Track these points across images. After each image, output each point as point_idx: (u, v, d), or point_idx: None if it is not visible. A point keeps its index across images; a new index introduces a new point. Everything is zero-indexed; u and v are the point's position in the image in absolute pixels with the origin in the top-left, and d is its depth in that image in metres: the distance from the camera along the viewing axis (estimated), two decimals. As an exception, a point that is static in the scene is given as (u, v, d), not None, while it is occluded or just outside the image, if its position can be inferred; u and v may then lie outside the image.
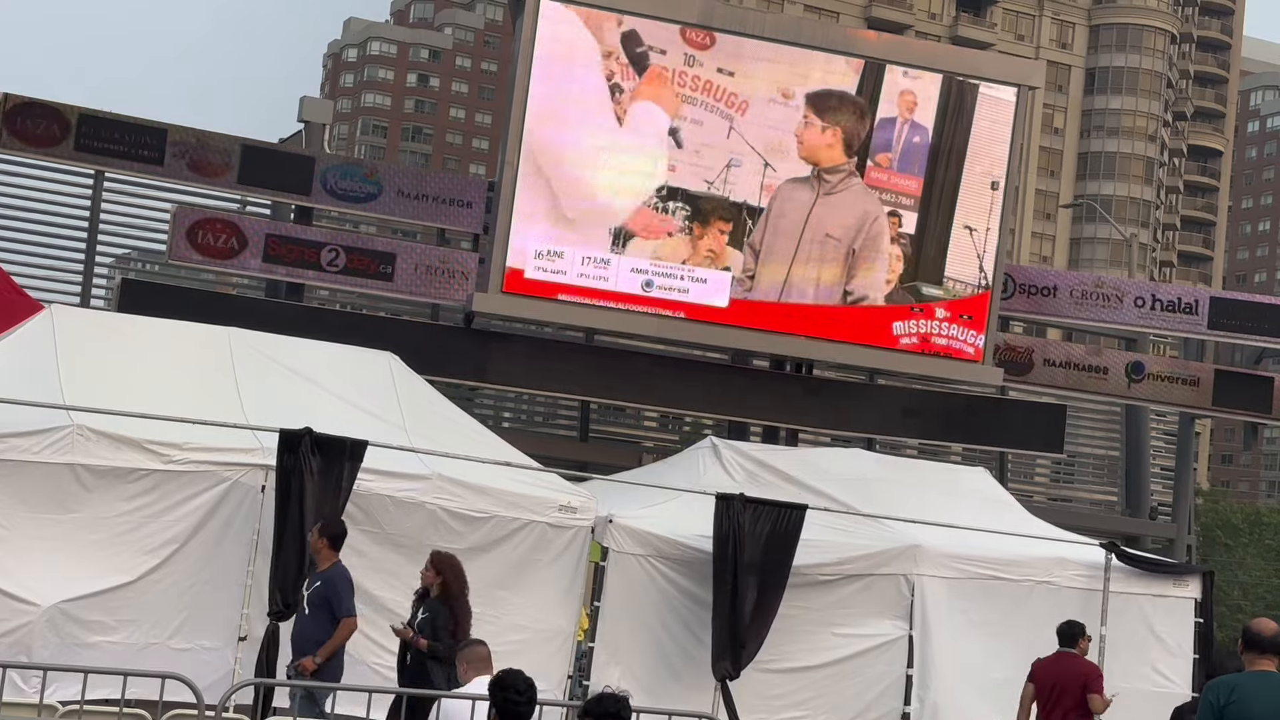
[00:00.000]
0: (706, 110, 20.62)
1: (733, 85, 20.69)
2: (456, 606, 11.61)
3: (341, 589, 11.34)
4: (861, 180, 21.10)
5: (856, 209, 21.10)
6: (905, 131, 21.54)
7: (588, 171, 20.22)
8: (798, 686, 13.91)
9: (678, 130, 20.49)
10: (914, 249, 21.35)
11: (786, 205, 20.86)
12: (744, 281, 20.69)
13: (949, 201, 21.63)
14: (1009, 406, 23.33)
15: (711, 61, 20.64)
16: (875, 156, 21.39)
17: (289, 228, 20.39)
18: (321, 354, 14.27)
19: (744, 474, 14.87)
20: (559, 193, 20.07)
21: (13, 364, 12.46)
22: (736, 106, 20.71)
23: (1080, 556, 15.00)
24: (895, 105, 21.40)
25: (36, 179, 20.86)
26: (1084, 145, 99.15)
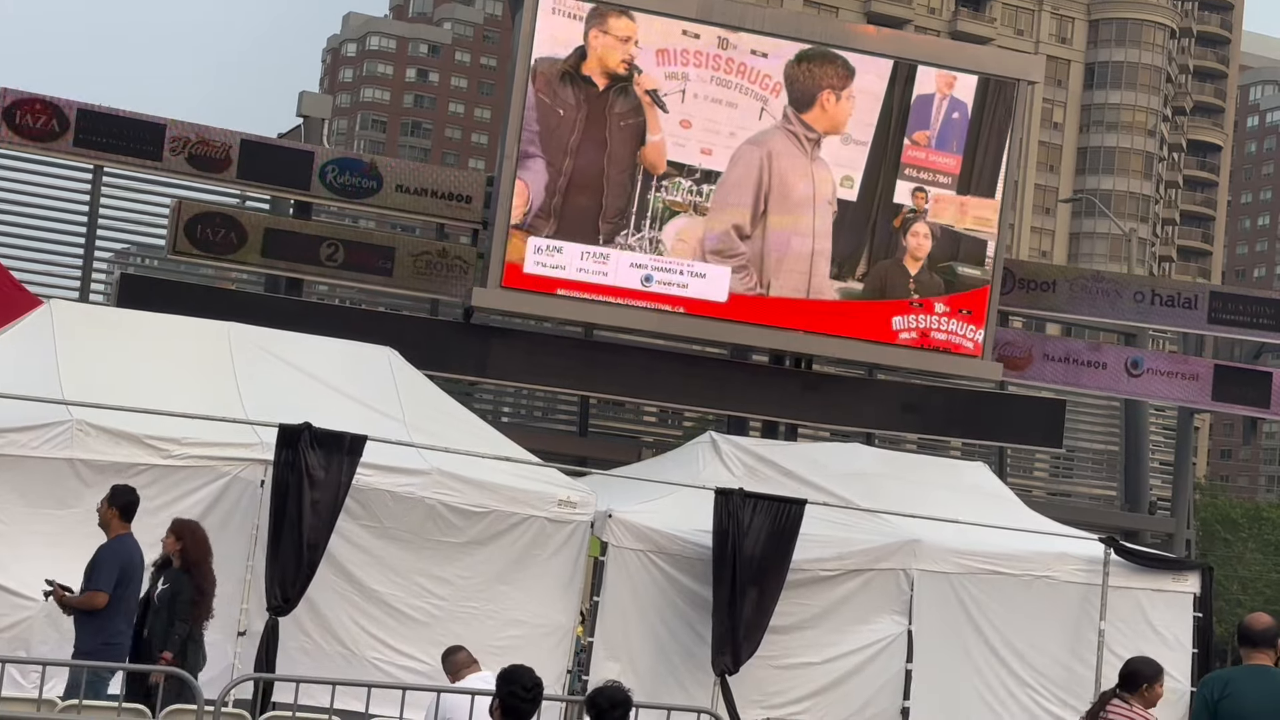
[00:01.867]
0: (740, 92, 20.63)
1: (765, 66, 20.68)
2: (199, 575, 11.11)
3: (105, 561, 10.74)
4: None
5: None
6: (944, 108, 21.54)
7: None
8: (797, 682, 13.91)
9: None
10: (944, 231, 21.38)
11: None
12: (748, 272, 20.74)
13: (989, 183, 21.65)
14: (1008, 401, 23.34)
15: (744, 44, 20.66)
16: (912, 134, 21.38)
17: (288, 222, 20.40)
18: (321, 349, 14.26)
19: (743, 469, 14.86)
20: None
21: (12, 359, 12.45)
22: (770, 89, 20.75)
23: (1079, 551, 15.00)
24: (933, 82, 21.39)
25: (35, 174, 20.87)
26: (1083, 140, 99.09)
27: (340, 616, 12.57)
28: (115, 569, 10.70)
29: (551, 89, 20.02)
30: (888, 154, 21.29)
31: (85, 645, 10.60)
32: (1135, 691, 9.96)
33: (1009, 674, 14.58)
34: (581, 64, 20.21)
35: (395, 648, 12.66)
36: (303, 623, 12.32)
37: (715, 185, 20.60)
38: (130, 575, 10.79)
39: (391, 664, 12.55)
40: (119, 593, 10.69)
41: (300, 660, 12.17)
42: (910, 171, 21.42)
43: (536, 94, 20.00)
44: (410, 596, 12.79)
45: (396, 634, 12.69)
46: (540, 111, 20.03)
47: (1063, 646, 14.76)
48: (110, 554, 10.74)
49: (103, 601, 10.61)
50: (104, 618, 10.64)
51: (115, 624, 10.71)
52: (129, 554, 10.84)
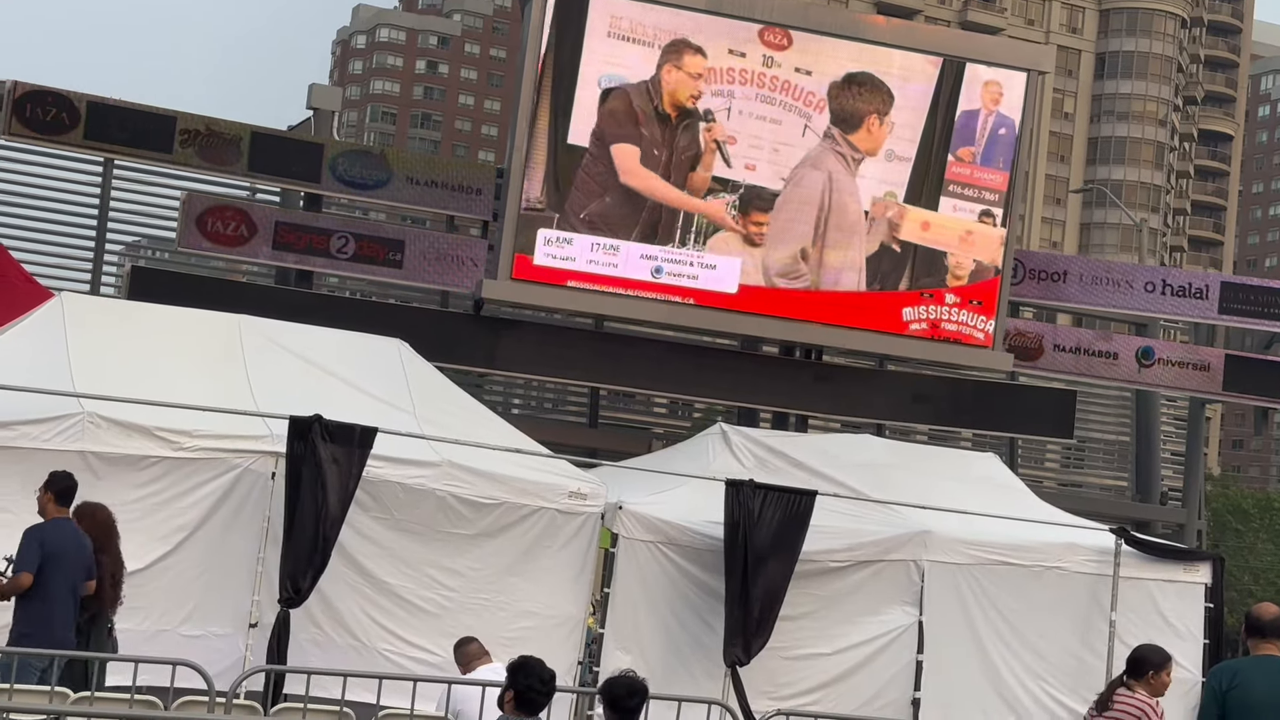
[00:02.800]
0: (784, 109, 20.70)
1: (809, 84, 20.75)
2: (106, 559, 10.96)
3: (25, 543, 10.51)
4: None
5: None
6: (990, 124, 21.58)
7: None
8: (808, 673, 13.90)
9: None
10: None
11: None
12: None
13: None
14: (1019, 392, 23.32)
15: (789, 62, 20.73)
16: (956, 151, 21.41)
17: (298, 215, 20.42)
18: (331, 341, 14.27)
19: (754, 460, 14.85)
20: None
21: (23, 351, 12.47)
22: (814, 105, 20.82)
23: (1090, 542, 14.98)
24: (978, 98, 21.42)
25: (46, 167, 20.92)
26: (1094, 130, 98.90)
27: (351, 608, 12.58)
28: (35, 550, 10.46)
29: (620, 116, 20.18)
30: (931, 171, 21.32)
31: (17, 629, 10.46)
32: (1142, 679, 9.94)
33: (1020, 665, 14.57)
34: (658, 96, 20.41)
35: (406, 639, 12.67)
36: (314, 615, 12.33)
37: (773, 210, 20.67)
38: (57, 558, 10.53)
39: (402, 655, 12.57)
40: (43, 576, 10.45)
41: (311, 652, 12.18)
42: (955, 188, 21.46)
43: (600, 119, 20.09)
44: (421, 588, 12.80)
45: (407, 625, 12.70)
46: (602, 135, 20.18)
47: (1074, 637, 14.74)
48: (31, 535, 10.55)
49: (27, 582, 10.41)
50: (30, 600, 10.45)
51: (38, 607, 10.48)
52: (53, 536, 10.60)
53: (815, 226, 20.94)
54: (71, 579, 10.62)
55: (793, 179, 20.82)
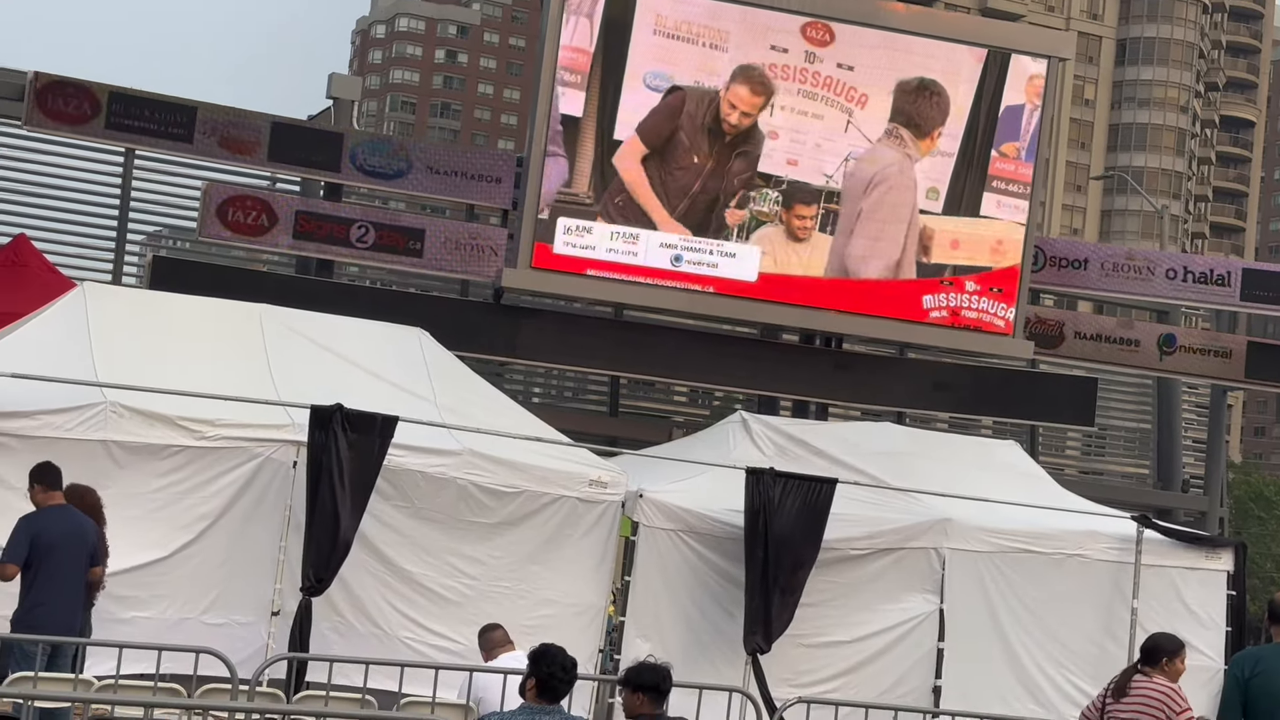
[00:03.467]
0: (827, 105, 20.70)
1: (852, 79, 20.73)
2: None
3: (15, 532, 10.56)
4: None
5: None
6: (1035, 119, 21.55)
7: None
8: (829, 661, 13.91)
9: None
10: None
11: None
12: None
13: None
14: (1040, 380, 23.27)
15: (831, 58, 20.72)
16: (1000, 146, 21.37)
17: (319, 204, 20.45)
18: (352, 330, 14.30)
19: (774, 448, 14.85)
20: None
21: (46, 341, 12.52)
22: (856, 100, 20.81)
23: (1112, 529, 14.95)
24: (1022, 92, 21.37)
25: (68, 157, 20.98)
26: (1115, 117, 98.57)
27: (373, 596, 12.62)
28: (24, 540, 10.51)
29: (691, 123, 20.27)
30: (974, 166, 21.28)
31: (16, 614, 10.53)
32: (1156, 665, 9.92)
33: (1041, 652, 14.55)
34: (718, 112, 20.52)
35: (427, 627, 12.71)
36: (336, 603, 12.38)
37: (838, 208, 20.75)
38: (52, 546, 10.56)
39: (424, 643, 12.60)
40: (39, 565, 10.50)
41: (333, 640, 12.23)
42: (999, 184, 21.42)
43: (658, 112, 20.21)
44: (442, 576, 12.84)
45: (429, 614, 12.74)
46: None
47: (1095, 625, 14.72)
48: (21, 525, 10.60)
49: (11, 573, 10.46)
50: (29, 589, 10.51)
51: (34, 595, 10.56)
52: (47, 524, 10.64)
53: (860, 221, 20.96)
54: (73, 564, 10.63)
55: (855, 174, 20.82)
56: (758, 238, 20.65)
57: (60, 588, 10.57)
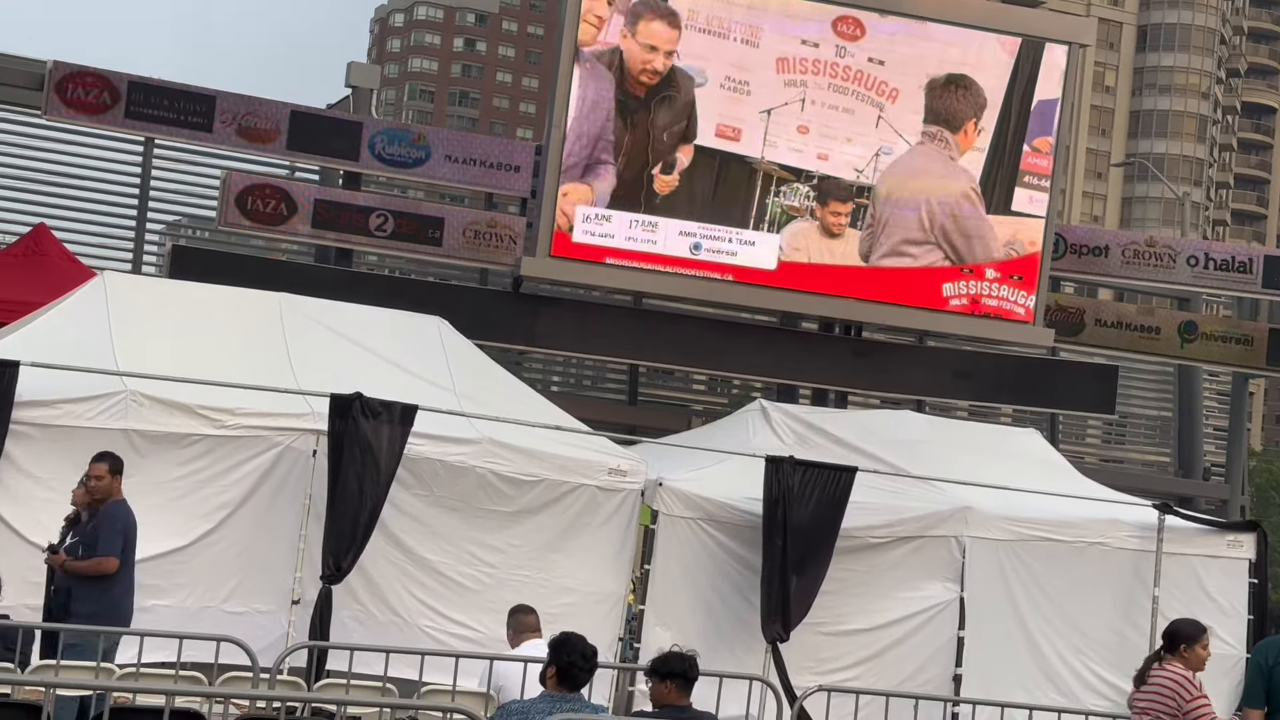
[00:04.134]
0: (857, 99, 20.66)
1: (883, 74, 20.69)
2: None
3: (114, 523, 10.89)
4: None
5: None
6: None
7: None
8: (849, 649, 13.90)
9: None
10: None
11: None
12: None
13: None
14: (1060, 367, 23.20)
15: (861, 52, 20.67)
16: (1033, 141, 21.29)
17: (338, 193, 20.46)
18: (371, 319, 14.31)
19: (793, 436, 14.84)
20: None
21: (66, 330, 12.56)
22: (887, 95, 20.76)
23: (1132, 517, 14.91)
24: (1057, 85, 21.29)
25: (87, 147, 21.02)
26: (1136, 103, 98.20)
27: (393, 585, 12.64)
28: (120, 534, 10.80)
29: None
30: (1006, 161, 21.21)
31: (86, 606, 10.67)
32: (1175, 652, 9.88)
33: (1062, 640, 14.52)
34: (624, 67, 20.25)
35: (447, 615, 12.72)
36: (356, 591, 12.40)
37: (868, 203, 20.73)
38: (130, 540, 10.93)
39: (444, 632, 12.62)
40: (124, 556, 10.81)
41: (354, 628, 12.25)
42: (1031, 179, 21.34)
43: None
44: (462, 565, 12.85)
45: (448, 602, 12.76)
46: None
47: (1116, 613, 14.68)
48: (115, 518, 10.84)
49: (113, 567, 10.71)
50: (104, 581, 10.73)
51: (123, 585, 10.82)
52: (130, 515, 10.95)
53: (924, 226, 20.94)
54: (133, 556, 10.90)
55: (888, 170, 20.76)
56: (789, 233, 20.61)
57: (126, 582, 10.87)
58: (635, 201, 20.10)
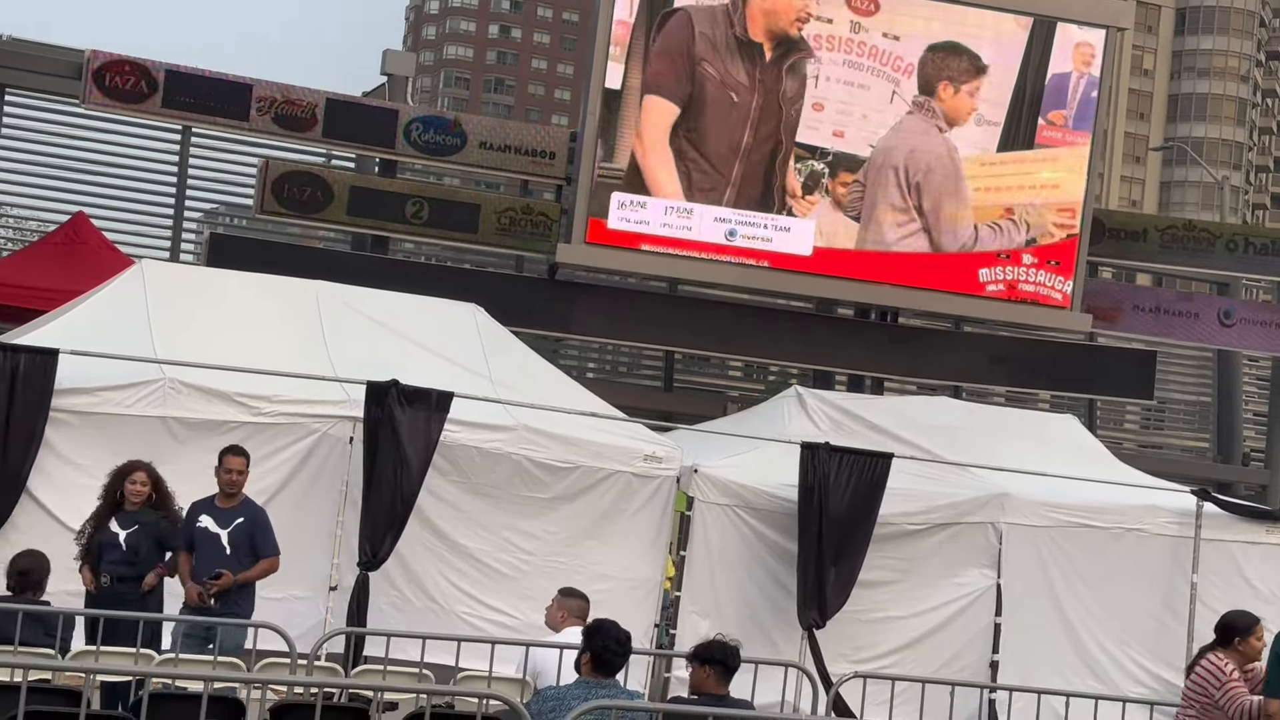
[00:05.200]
0: (873, 75, 20.59)
1: (898, 49, 20.60)
2: (174, 512, 11.34)
3: (269, 525, 11.29)
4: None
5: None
6: (1082, 86, 21.36)
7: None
8: (885, 636, 13.88)
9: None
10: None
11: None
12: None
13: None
14: (1098, 353, 23.08)
15: (876, 27, 20.59)
16: (1048, 114, 21.19)
17: (374, 180, 20.51)
18: (407, 306, 14.35)
19: (829, 423, 14.81)
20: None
21: (104, 318, 12.64)
22: (902, 70, 20.68)
23: (1171, 503, 14.83)
24: (1070, 59, 21.20)
25: (125, 135, 21.13)
26: (1174, 87, 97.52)
27: (429, 571, 12.69)
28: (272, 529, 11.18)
29: (714, 51, 19.95)
30: (1020, 135, 21.11)
31: (248, 612, 10.91)
32: (1229, 646, 9.80)
33: (1100, 627, 14.46)
34: (740, 21, 20.16)
35: (484, 602, 12.76)
36: (393, 578, 12.45)
37: (862, 173, 20.58)
38: None
39: (480, 618, 12.66)
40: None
41: (391, 614, 12.30)
42: (1046, 152, 21.24)
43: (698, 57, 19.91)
44: (498, 551, 12.89)
45: (485, 588, 12.80)
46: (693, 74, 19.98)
47: (1154, 600, 14.61)
48: (265, 513, 11.25)
49: (278, 565, 11.13)
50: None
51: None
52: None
53: (903, 191, 20.80)
54: None
55: (882, 145, 20.66)
56: (822, 218, 20.55)
57: None
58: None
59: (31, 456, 11.49)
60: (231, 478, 11.18)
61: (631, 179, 19.94)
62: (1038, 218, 21.24)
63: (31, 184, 21.38)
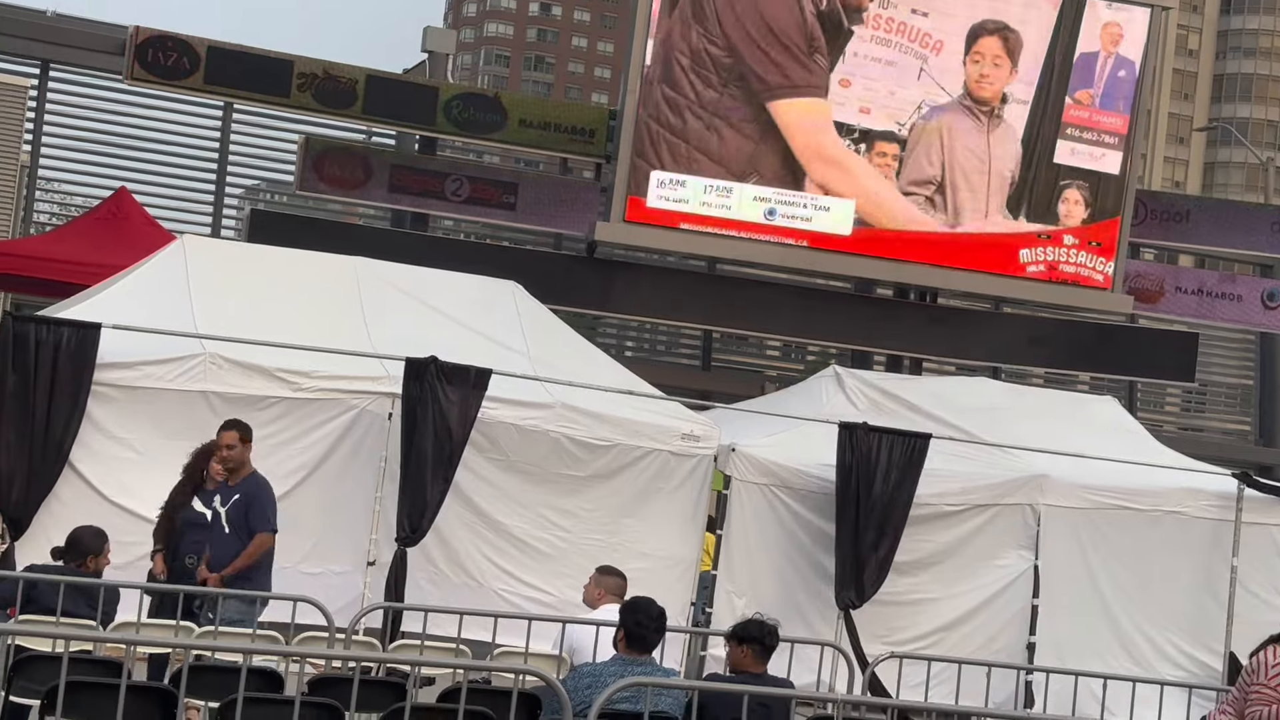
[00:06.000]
0: (901, 51, 20.50)
1: (927, 25, 20.53)
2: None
3: (269, 498, 10.99)
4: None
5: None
6: (1109, 66, 21.23)
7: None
8: (922, 617, 13.84)
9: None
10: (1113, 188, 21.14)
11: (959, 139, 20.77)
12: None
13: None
14: (1139, 334, 22.95)
15: (904, 3, 20.51)
16: (1074, 93, 21.10)
17: (413, 158, 20.56)
18: (446, 283, 14.36)
19: (867, 403, 14.76)
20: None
21: (146, 293, 12.70)
22: (931, 46, 20.58)
23: (1211, 486, 14.73)
24: (1098, 39, 21.09)
25: (168, 111, 21.25)
26: (1219, 67, 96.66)
27: (467, 548, 12.72)
28: (273, 503, 10.98)
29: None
30: (1049, 112, 21.01)
31: (263, 586, 10.82)
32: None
33: (1139, 610, 14.38)
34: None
35: (521, 579, 12.79)
36: (430, 554, 12.49)
37: (902, 149, 20.56)
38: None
39: (517, 595, 12.69)
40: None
41: (428, 590, 12.34)
42: (1073, 131, 21.13)
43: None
44: (535, 529, 12.91)
45: (522, 565, 12.82)
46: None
47: (1194, 583, 14.52)
48: (271, 491, 11.02)
49: (271, 540, 10.87)
50: (271, 552, 10.93)
51: (269, 560, 10.95)
52: (271, 487, 11.12)
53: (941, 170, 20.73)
54: None
55: (915, 123, 20.57)
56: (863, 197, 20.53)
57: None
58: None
59: (74, 430, 11.57)
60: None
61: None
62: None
63: (75, 159, 21.55)
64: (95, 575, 9.90)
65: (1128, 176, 21.34)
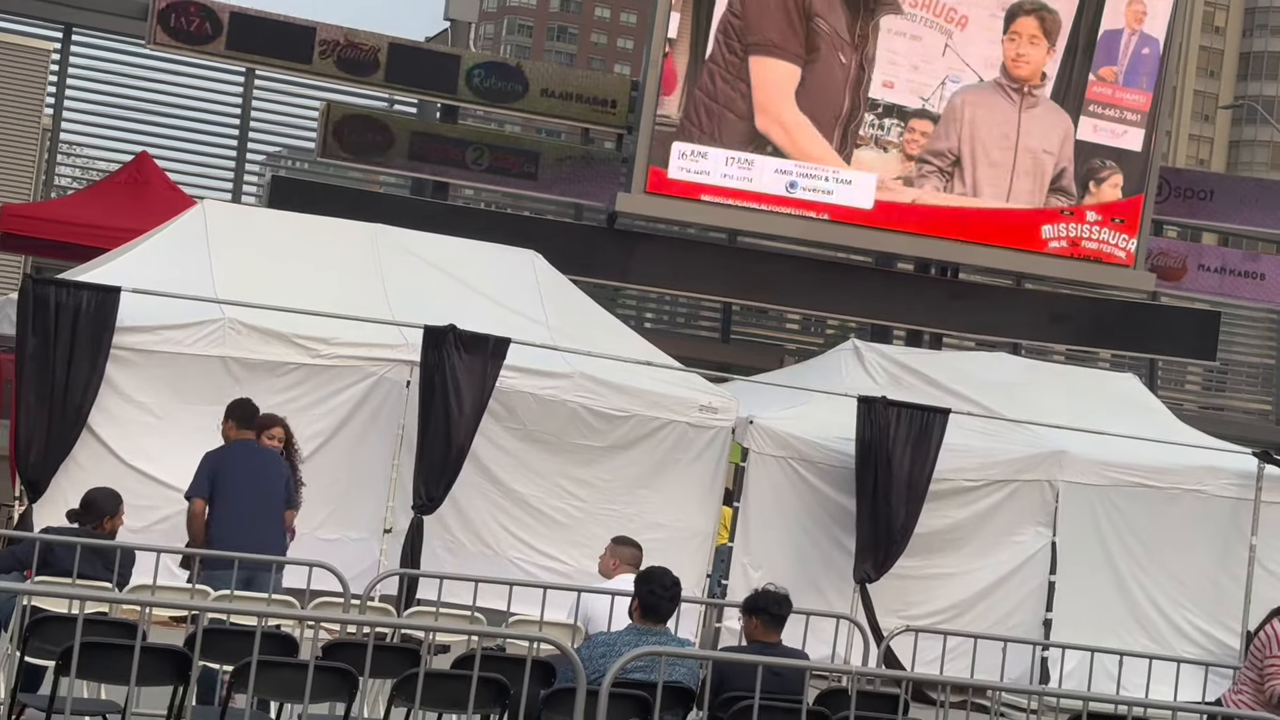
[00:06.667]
0: (925, 26, 20.40)
1: (952, 0, 20.46)
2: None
3: (198, 469, 10.66)
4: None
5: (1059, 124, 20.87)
6: (1133, 43, 21.14)
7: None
8: (939, 592, 13.83)
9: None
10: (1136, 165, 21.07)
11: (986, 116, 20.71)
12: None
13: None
14: (1161, 312, 22.87)
15: None
16: (1098, 70, 21.03)
17: (435, 126, 20.52)
18: (466, 252, 14.34)
19: (886, 377, 14.72)
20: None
21: (167, 257, 12.70)
22: (956, 21, 20.48)
23: (1231, 465, 14.68)
24: (1122, 16, 20.99)
25: (190, 77, 21.24)
26: (1246, 44, 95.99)
27: (483, 516, 12.73)
28: (206, 475, 10.62)
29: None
30: (1071, 90, 20.91)
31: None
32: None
33: (1156, 588, 14.36)
34: None
35: (536, 548, 12.80)
36: (446, 521, 12.51)
37: (931, 125, 20.55)
38: (225, 482, 10.64)
39: (533, 564, 12.71)
40: (214, 500, 10.56)
41: (444, 558, 12.36)
42: (1095, 108, 21.03)
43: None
44: (552, 498, 12.91)
45: (538, 534, 12.83)
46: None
47: (1212, 561, 14.49)
48: (205, 460, 10.70)
49: (200, 509, 10.56)
50: (209, 523, 10.62)
51: (212, 530, 10.59)
52: (225, 461, 10.71)
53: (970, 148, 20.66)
54: (249, 501, 10.65)
55: (948, 99, 20.49)
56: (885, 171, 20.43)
57: (235, 525, 10.54)
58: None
59: (93, 393, 11.59)
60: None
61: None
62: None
63: (97, 124, 21.57)
64: (109, 537, 9.90)
65: (1151, 154, 21.23)
